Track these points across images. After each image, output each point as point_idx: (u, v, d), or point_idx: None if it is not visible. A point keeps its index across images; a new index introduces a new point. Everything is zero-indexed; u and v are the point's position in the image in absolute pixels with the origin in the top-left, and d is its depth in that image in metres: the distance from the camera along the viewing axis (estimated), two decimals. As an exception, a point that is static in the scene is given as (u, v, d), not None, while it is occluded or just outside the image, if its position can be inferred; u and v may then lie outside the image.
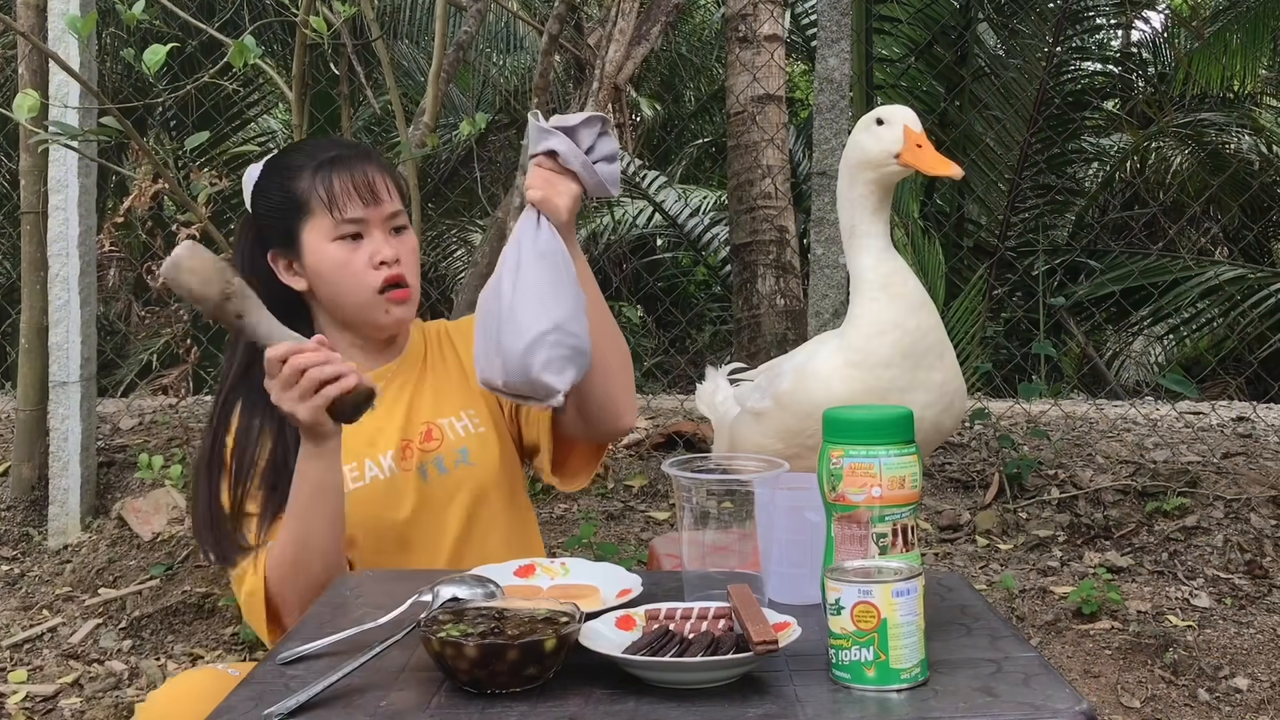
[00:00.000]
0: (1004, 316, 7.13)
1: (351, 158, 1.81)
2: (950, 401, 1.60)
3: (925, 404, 1.57)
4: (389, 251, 1.78)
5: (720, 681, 1.16)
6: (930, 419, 1.58)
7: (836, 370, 1.60)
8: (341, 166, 1.79)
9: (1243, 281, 6.57)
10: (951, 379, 1.60)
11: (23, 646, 3.14)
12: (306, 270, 1.80)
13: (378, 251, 1.78)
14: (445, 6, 3.11)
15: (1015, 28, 7.57)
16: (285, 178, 1.81)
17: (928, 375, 1.58)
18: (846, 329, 1.63)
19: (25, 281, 3.69)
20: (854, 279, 1.63)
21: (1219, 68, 7.97)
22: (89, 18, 2.56)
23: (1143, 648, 2.87)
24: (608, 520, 3.56)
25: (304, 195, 1.78)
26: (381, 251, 1.78)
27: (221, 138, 6.93)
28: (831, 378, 1.59)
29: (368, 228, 1.78)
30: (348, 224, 1.77)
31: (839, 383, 1.58)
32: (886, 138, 1.61)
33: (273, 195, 1.82)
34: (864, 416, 1.25)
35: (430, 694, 1.16)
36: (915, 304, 1.59)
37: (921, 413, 1.54)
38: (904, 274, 1.61)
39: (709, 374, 2.08)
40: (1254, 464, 3.79)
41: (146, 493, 3.61)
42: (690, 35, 10.30)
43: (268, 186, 1.83)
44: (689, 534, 1.39)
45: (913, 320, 1.58)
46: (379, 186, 1.80)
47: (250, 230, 1.86)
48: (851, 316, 1.63)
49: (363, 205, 1.78)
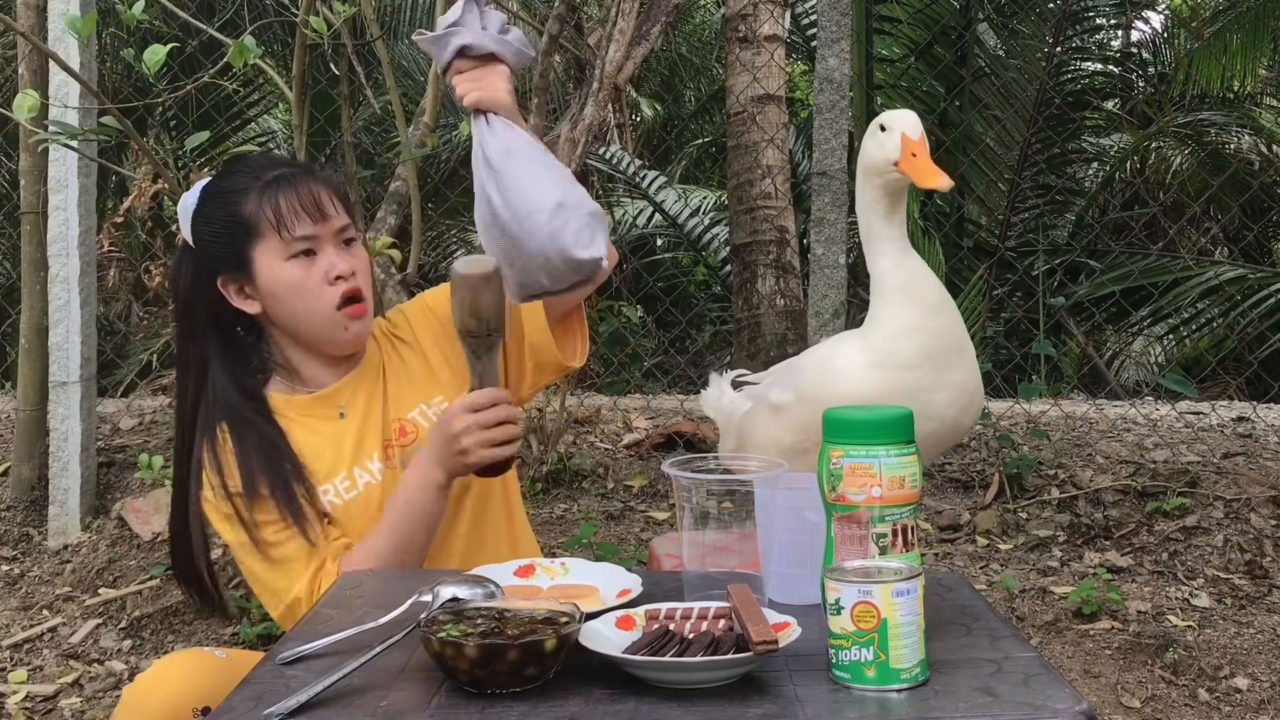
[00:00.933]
0: (1004, 316, 7.13)
1: (295, 175, 1.80)
2: (970, 400, 1.61)
3: (948, 403, 1.58)
4: (344, 265, 1.78)
5: (720, 681, 1.16)
6: (952, 417, 1.59)
7: (859, 369, 1.60)
8: (286, 185, 1.78)
9: (1243, 281, 6.56)
10: (971, 377, 1.61)
11: (23, 646, 3.14)
12: (260, 292, 1.79)
13: (332, 266, 1.78)
14: (445, 6, 3.11)
15: (1015, 28, 7.56)
16: (229, 202, 1.79)
17: (950, 375, 1.58)
18: (868, 330, 1.64)
19: (25, 281, 3.69)
20: (874, 282, 1.63)
21: (1219, 68, 7.97)
22: (89, 18, 2.56)
23: (1143, 648, 2.87)
24: (608, 520, 3.56)
25: (252, 217, 1.77)
26: (336, 266, 1.78)
27: (221, 138, 6.92)
28: (856, 375, 1.60)
29: (319, 244, 1.78)
30: (299, 242, 1.76)
31: (865, 381, 1.58)
32: (887, 145, 1.61)
33: (217, 220, 1.80)
34: (864, 416, 1.25)
35: (430, 694, 1.16)
36: (934, 306, 1.60)
37: (944, 411, 1.56)
38: (922, 276, 1.62)
39: (713, 380, 2.09)
40: (1254, 464, 3.79)
41: (146, 493, 3.61)
42: (690, 35, 10.30)
43: (211, 212, 1.81)
44: (689, 534, 1.39)
45: (933, 322, 1.58)
46: (325, 202, 1.79)
47: (190, 258, 1.84)
48: (873, 318, 1.63)
49: (312, 222, 1.77)
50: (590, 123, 3.76)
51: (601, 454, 3.92)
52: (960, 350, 1.60)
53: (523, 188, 1.56)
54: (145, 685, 1.56)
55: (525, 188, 1.56)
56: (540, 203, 1.55)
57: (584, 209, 1.58)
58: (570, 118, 3.81)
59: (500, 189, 1.57)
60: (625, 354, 5.11)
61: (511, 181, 1.57)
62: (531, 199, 1.56)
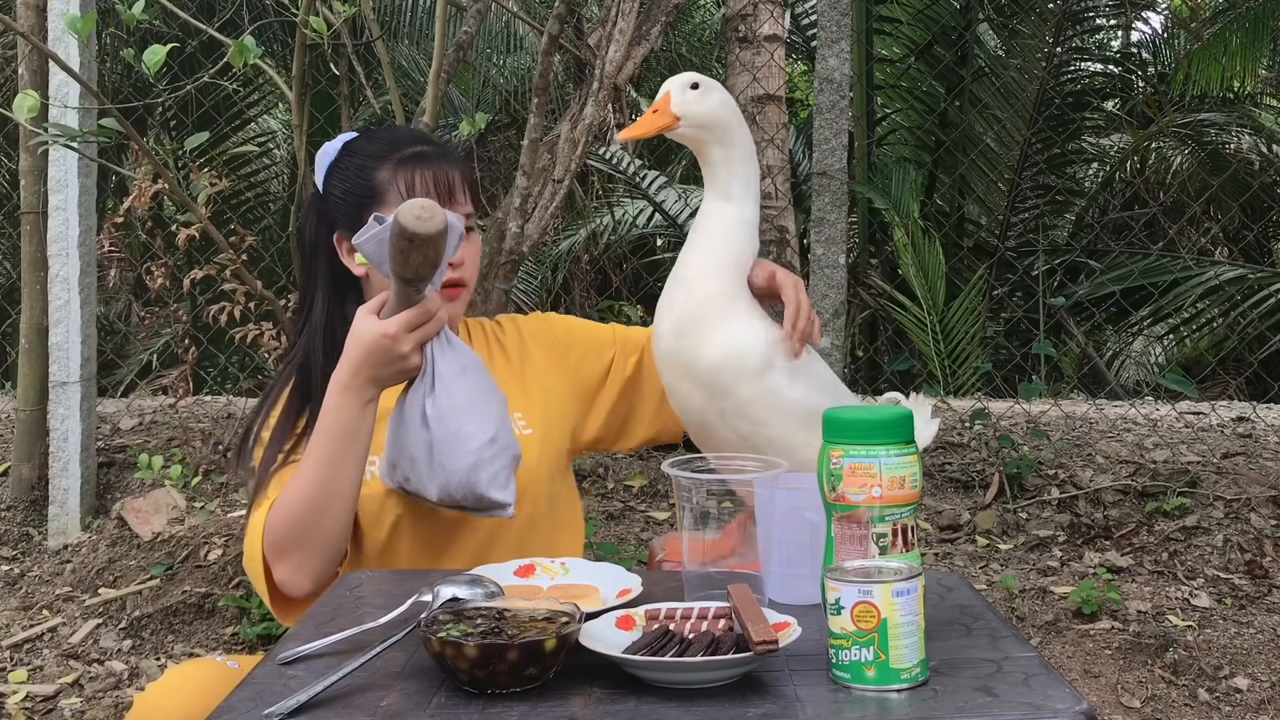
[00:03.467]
0: (1004, 316, 7.13)
1: (433, 155, 1.82)
2: (683, 331, 1.61)
3: (668, 323, 1.63)
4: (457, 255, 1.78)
5: (720, 681, 1.16)
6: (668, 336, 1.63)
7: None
8: (424, 164, 1.80)
9: (1243, 281, 6.56)
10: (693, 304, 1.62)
11: (23, 646, 3.14)
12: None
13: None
14: (445, 7, 3.11)
15: (1015, 28, 7.57)
16: (365, 163, 1.82)
17: (673, 295, 1.64)
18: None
19: (25, 281, 3.69)
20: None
21: (1219, 68, 7.97)
22: (89, 18, 2.55)
23: (1143, 648, 2.87)
24: (608, 520, 3.56)
25: (383, 185, 1.79)
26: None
27: (221, 138, 6.92)
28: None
29: None
30: None
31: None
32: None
33: (349, 178, 1.82)
34: (864, 417, 1.25)
35: (430, 694, 1.16)
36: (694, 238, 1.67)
37: (661, 330, 1.63)
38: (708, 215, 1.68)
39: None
40: (1254, 464, 3.79)
41: (146, 493, 3.61)
42: (690, 35, 10.30)
43: (345, 169, 1.83)
44: (689, 534, 1.39)
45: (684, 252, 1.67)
46: (457, 188, 1.81)
47: (316, 208, 1.87)
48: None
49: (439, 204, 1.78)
50: (590, 123, 3.76)
51: (601, 454, 3.92)
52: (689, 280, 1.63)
53: (467, 409, 1.58)
54: (156, 695, 1.55)
55: (470, 409, 1.58)
56: (474, 432, 1.57)
57: (510, 450, 1.60)
58: (570, 118, 3.81)
59: (441, 402, 1.58)
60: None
61: (455, 400, 1.58)
62: (468, 425, 1.58)
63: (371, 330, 1.60)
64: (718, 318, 1.61)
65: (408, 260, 1.53)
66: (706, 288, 1.62)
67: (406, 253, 1.52)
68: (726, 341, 1.60)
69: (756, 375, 1.60)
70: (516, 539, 1.82)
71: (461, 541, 1.80)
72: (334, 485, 1.63)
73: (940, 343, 6.25)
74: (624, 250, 8.35)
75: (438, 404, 1.57)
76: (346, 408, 1.62)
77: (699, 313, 1.61)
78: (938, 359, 6.21)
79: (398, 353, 1.60)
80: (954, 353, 6.24)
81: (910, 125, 7.82)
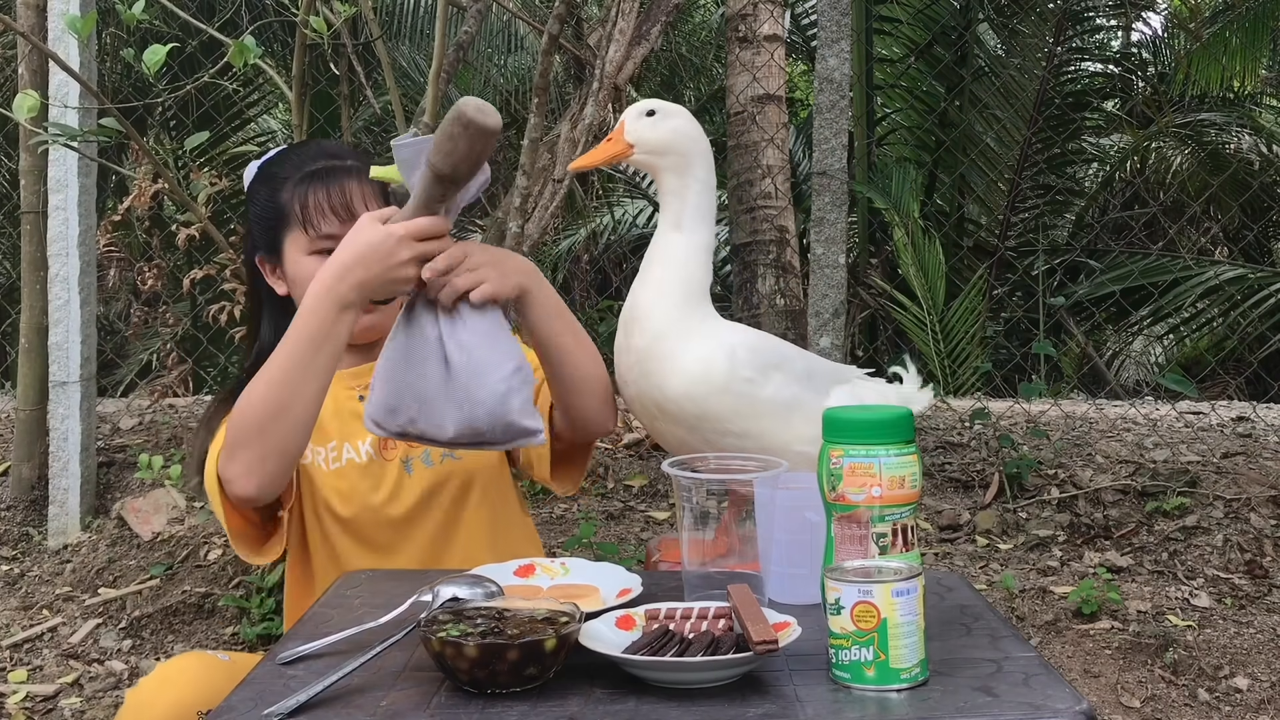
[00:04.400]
0: (1004, 316, 7.13)
1: (334, 171, 1.80)
2: (645, 370, 1.61)
3: (628, 367, 1.64)
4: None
5: (720, 681, 1.16)
6: (634, 381, 1.63)
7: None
8: (319, 182, 1.78)
9: (1243, 281, 6.57)
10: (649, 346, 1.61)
11: (23, 646, 3.14)
12: (287, 278, 1.83)
13: None
14: (445, 7, 3.11)
15: (1015, 28, 7.57)
16: (271, 186, 1.82)
17: (631, 340, 1.63)
18: None
19: (25, 281, 3.69)
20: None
21: (1219, 68, 7.98)
22: (89, 18, 2.56)
23: (1143, 648, 2.87)
24: (608, 520, 3.56)
25: (285, 207, 1.79)
26: None
27: (221, 138, 6.93)
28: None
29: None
30: (324, 240, 1.77)
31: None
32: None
33: (259, 202, 1.84)
34: (864, 416, 1.25)
35: (430, 694, 1.16)
36: (644, 274, 1.66)
37: (627, 375, 1.64)
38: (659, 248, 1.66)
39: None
40: (1254, 464, 3.79)
41: (146, 493, 3.61)
42: (690, 35, 10.29)
43: (256, 193, 1.85)
44: (689, 534, 1.39)
45: (634, 286, 1.66)
46: (356, 203, 1.79)
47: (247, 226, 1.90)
48: None
49: (338, 222, 1.77)
50: (590, 123, 3.76)
51: (601, 454, 3.92)
52: (641, 319, 1.62)
53: (494, 338, 1.51)
54: (148, 689, 1.55)
55: (496, 338, 1.51)
56: (501, 360, 1.49)
57: (532, 379, 1.56)
58: (570, 118, 3.81)
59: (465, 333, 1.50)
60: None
61: (479, 328, 1.51)
62: (495, 354, 1.50)
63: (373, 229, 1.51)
64: (675, 348, 1.61)
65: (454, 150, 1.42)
66: (657, 323, 1.61)
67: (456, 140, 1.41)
68: (688, 367, 1.59)
69: (725, 387, 1.59)
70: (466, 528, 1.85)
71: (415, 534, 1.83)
72: (297, 389, 1.55)
73: (940, 342, 6.25)
74: (624, 250, 8.35)
75: (461, 336, 1.50)
76: (321, 314, 1.53)
77: (656, 350, 1.61)
78: (938, 359, 6.21)
79: (397, 258, 1.49)
80: (954, 352, 6.24)
81: (910, 125, 7.82)
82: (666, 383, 1.60)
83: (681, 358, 1.60)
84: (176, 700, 1.52)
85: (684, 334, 1.61)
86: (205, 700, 1.51)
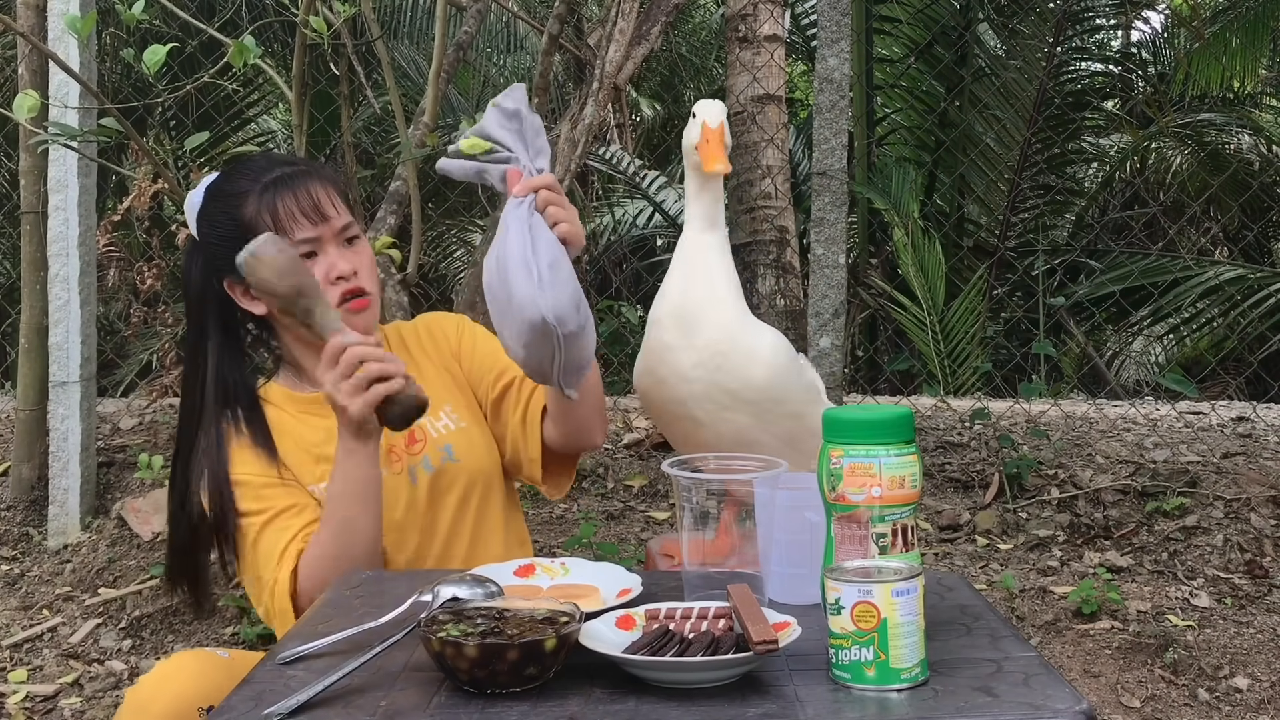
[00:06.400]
0: (1004, 316, 7.14)
1: (295, 176, 1.79)
2: (720, 364, 1.67)
3: (695, 363, 1.68)
4: (345, 265, 1.78)
5: (720, 681, 1.16)
6: (704, 378, 1.67)
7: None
8: (285, 187, 1.77)
9: (1243, 281, 6.56)
10: (722, 340, 1.67)
11: (23, 646, 3.14)
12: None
13: (333, 267, 1.78)
14: (445, 7, 3.11)
15: (1015, 28, 7.57)
16: (231, 205, 1.79)
17: (693, 337, 1.67)
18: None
19: (25, 281, 3.68)
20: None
21: (1219, 68, 7.98)
22: (89, 18, 2.56)
23: (1143, 648, 2.87)
24: (607, 520, 3.56)
25: (252, 221, 1.76)
26: (337, 266, 1.78)
27: (221, 138, 6.93)
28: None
29: (321, 245, 1.78)
30: (300, 245, 1.76)
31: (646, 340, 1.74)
32: (693, 130, 1.74)
33: (220, 223, 1.80)
34: (864, 416, 1.25)
35: (430, 694, 1.16)
36: (690, 272, 1.70)
37: (691, 372, 1.67)
38: (699, 248, 1.72)
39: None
40: (1254, 464, 3.79)
41: (146, 493, 3.61)
42: (690, 35, 10.30)
43: (214, 214, 1.81)
44: (689, 534, 1.39)
45: (681, 285, 1.70)
46: (325, 203, 1.79)
47: (198, 256, 1.84)
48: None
49: (311, 225, 1.77)
50: (590, 123, 3.76)
51: (601, 453, 3.92)
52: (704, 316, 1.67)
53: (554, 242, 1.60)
54: (148, 687, 1.56)
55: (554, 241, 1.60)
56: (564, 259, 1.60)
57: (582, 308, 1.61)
58: (570, 118, 3.81)
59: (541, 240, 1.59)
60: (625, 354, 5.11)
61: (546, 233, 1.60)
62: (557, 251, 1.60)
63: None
64: (750, 340, 1.68)
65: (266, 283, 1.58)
66: (727, 318, 1.68)
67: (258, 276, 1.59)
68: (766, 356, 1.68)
69: (790, 370, 1.69)
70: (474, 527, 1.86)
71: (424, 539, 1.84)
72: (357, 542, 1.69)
73: (940, 343, 6.25)
74: (624, 250, 8.36)
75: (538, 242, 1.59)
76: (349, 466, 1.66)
77: (731, 344, 1.67)
78: (937, 359, 6.21)
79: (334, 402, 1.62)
80: (954, 352, 6.24)
81: (910, 125, 7.82)
82: (750, 373, 1.67)
83: (759, 349, 1.68)
84: (176, 697, 1.52)
85: (749, 327, 1.69)
86: (205, 697, 1.51)
